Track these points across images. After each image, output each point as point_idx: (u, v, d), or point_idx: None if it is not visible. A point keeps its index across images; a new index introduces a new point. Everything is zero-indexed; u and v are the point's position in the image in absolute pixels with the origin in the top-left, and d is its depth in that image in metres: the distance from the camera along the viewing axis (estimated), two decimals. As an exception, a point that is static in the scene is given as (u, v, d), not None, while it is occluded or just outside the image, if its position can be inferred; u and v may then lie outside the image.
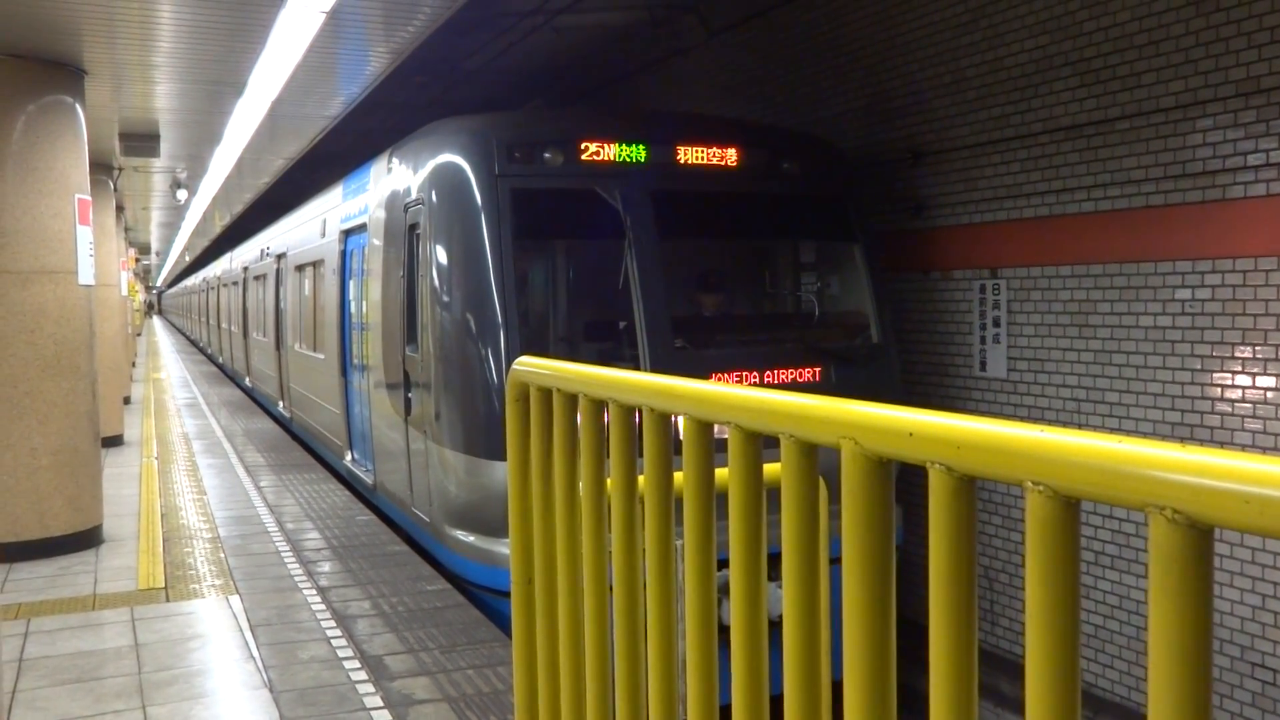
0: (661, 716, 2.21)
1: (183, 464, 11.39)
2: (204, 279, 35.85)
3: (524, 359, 2.80)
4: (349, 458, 10.55)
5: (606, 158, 7.34)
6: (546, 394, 2.63)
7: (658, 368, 6.78)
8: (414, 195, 7.73)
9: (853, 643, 1.56)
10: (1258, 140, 6.32)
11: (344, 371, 10.60)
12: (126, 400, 16.56)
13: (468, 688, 4.85)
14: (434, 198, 7.37)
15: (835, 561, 1.65)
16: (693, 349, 7.30)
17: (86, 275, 7.51)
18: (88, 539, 7.53)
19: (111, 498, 8.81)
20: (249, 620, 5.85)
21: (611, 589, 2.42)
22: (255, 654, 5.30)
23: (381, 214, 8.67)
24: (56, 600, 6.31)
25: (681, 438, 2.10)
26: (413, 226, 7.75)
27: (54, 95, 7.39)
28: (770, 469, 1.91)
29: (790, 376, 7.40)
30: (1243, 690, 6.59)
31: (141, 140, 10.97)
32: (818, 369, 7.52)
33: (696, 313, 7.98)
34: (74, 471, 7.40)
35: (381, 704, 4.64)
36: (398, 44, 7.44)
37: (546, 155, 7.23)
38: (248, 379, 20.38)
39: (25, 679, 5.00)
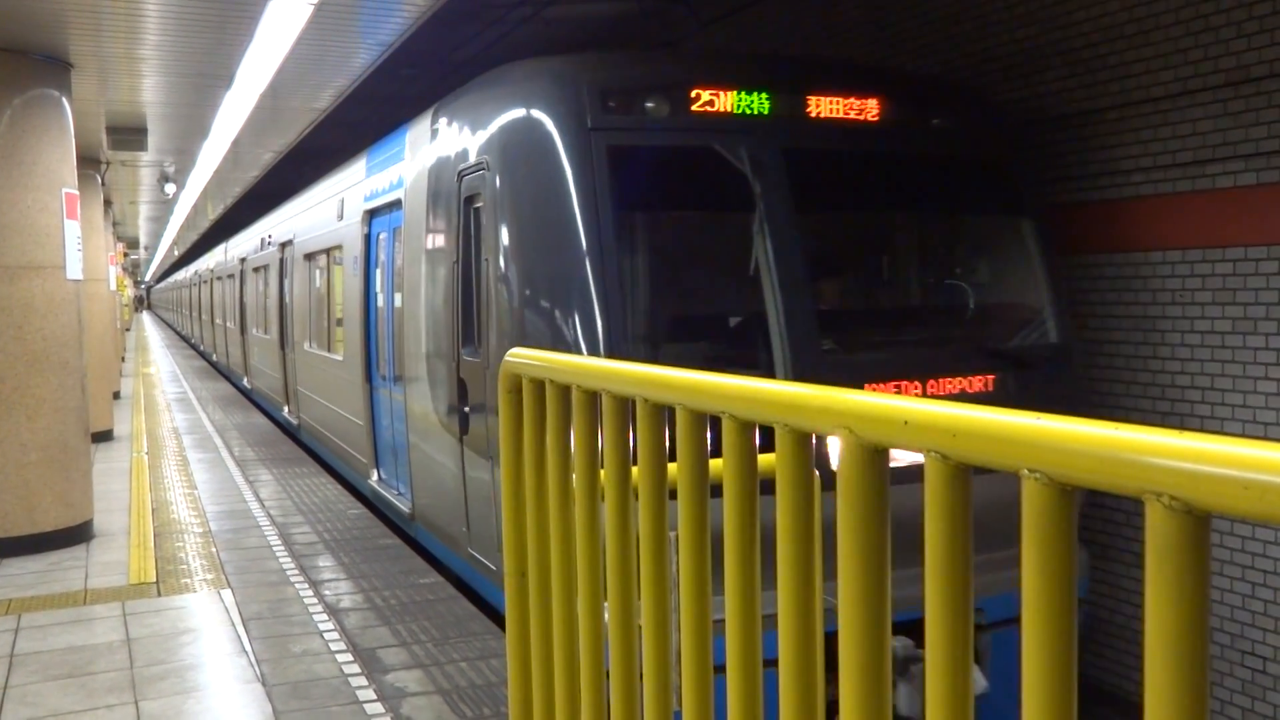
0: (656, 708, 2.21)
1: (173, 459, 11.36)
2: (195, 272, 34.99)
3: (515, 350, 2.78)
4: (375, 477, 9.21)
5: (723, 108, 5.87)
6: (539, 385, 2.62)
7: (801, 375, 5.35)
8: (473, 159, 6.36)
9: (849, 632, 1.55)
10: (1247, 129, 6.33)
11: (369, 377, 9.25)
12: (116, 395, 16.50)
13: (460, 680, 4.84)
14: (503, 161, 5.99)
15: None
16: (843, 352, 5.90)
17: (74, 270, 7.48)
18: (78, 534, 7.51)
19: (101, 493, 8.78)
20: (241, 614, 5.84)
21: (605, 581, 2.41)
22: (248, 648, 5.29)
23: (424, 186, 7.31)
24: (47, 595, 6.29)
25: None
26: (470, 199, 6.44)
27: (40, 89, 7.35)
28: (765, 459, 1.90)
29: (959, 386, 5.98)
30: (1232, 678, 6.62)
31: (129, 134, 10.92)
32: (991, 376, 6.07)
33: (842, 306, 6.53)
34: (63, 467, 7.37)
35: (375, 697, 4.64)
36: (386, 36, 7.41)
37: (650, 105, 5.80)
38: (246, 379, 18.88)
39: (16, 674, 4.98)
